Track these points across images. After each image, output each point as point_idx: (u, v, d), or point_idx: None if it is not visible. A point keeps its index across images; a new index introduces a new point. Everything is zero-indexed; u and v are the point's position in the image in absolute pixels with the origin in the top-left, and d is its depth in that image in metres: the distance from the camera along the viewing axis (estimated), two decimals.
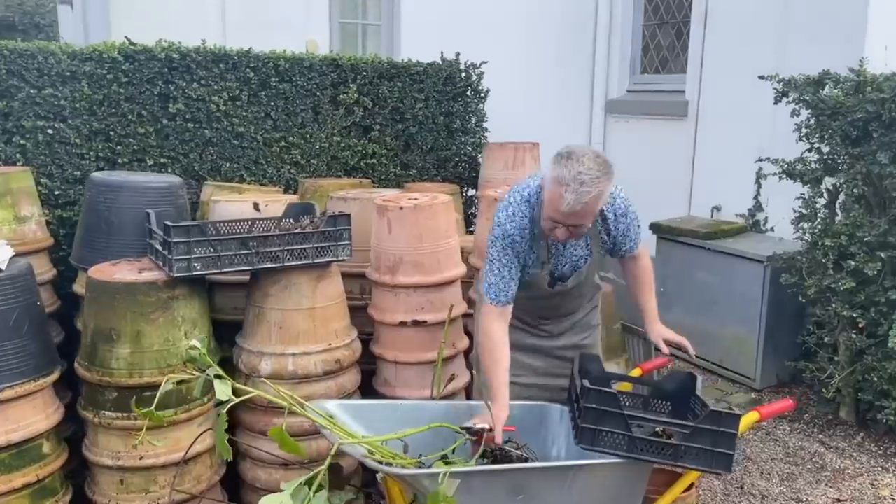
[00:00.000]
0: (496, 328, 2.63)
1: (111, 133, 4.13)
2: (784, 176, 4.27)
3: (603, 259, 2.88)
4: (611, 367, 4.08)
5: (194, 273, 2.83)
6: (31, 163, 3.96)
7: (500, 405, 2.46)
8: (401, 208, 3.37)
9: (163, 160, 4.27)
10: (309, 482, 1.99)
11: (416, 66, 4.92)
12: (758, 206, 5.32)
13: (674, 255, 5.31)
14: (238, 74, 4.36)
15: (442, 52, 5.06)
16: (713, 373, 5.10)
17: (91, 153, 4.09)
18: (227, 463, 3.26)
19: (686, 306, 5.27)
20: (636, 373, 3.18)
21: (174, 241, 2.76)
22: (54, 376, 2.84)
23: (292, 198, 3.79)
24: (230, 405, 2.11)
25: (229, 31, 5.12)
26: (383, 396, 3.53)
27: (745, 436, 4.18)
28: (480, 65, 5.18)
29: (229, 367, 3.28)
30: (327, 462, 2.05)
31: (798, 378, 4.68)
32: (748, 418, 2.60)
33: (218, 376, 2.15)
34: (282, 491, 1.92)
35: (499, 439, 2.37)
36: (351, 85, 4.68)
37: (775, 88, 4.21)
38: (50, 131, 3.98)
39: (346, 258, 3.17)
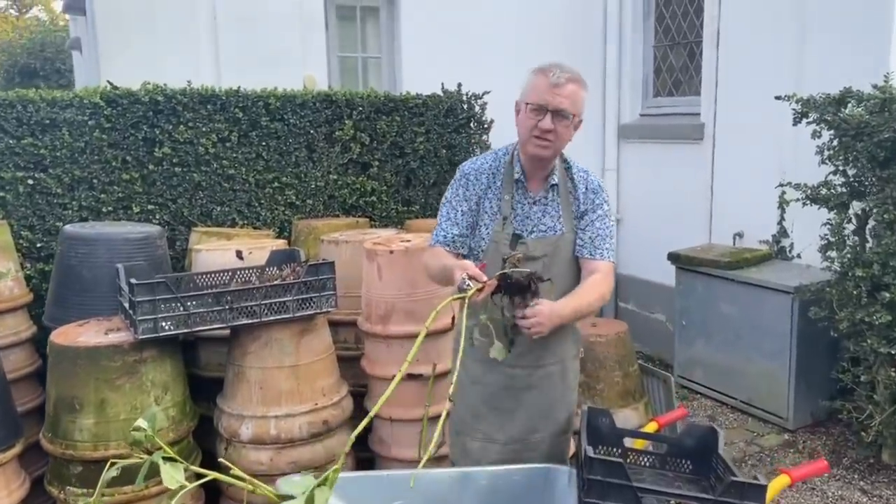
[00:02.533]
0: (437, 250, 2.41)
1: (94, 181, 3.96)
2: (808, 202, 3.97)
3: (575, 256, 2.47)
4: (628, 413, 3.78)
5: (162, 334, 2.61)
6: (11, 215, 3.80)
7: (459, 263, 2.20)
8: (391, 252, 3.14)
9: (150, 207, 4.09)
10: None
11: (416, 98, 4.71)
12: (782, 232, 5.00)
13: (695, 287, 5.01)
14: (227, 115, 4.18)
15: (443, 84, 4.86)
16: (742, 412, 4.76)
17: (74, 203, 3.93)
18: None
19: (709, 341, 4.95)
20: (652, 427, 2.89)
21: (137, 300, 2.55)
22: (16, 450, 2.64)
23: (280, 243, 3.58)
24: (184, 492, 1.88)
25: (223, 70, 4.96)
26: (378, 456, 3.28)
27: None
28: (483, 95, 4.97)
29: (211, 427, 3.06)
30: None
31: (835, 417, 4.33)
32: (777, 483, 2.31)
33: (169, 459, 1.91)
34: None
35: (482, 277, 2.07)
36: (346, 121, 4.49)
37: (794, 109, 3.94)
38: (30, 182, 3.83)
39: (330, 310, 2.94)
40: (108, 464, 1.91)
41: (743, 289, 4.65)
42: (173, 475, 1.86)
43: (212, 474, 1.98)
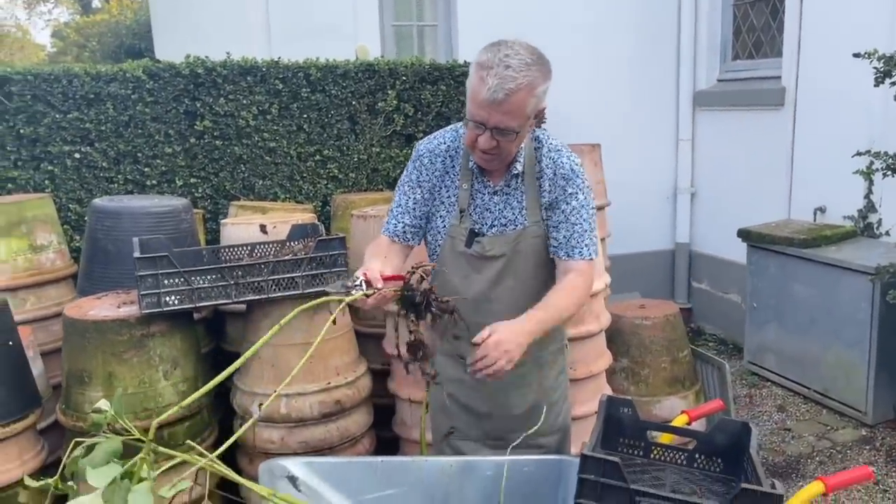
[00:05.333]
0: (379, 241, 2.18)
1: (139, 155, 4.00)
2: (889, 172, 3.54)
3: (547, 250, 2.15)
4: (675, 401, 3.52)
5: (166, 308, 2.57)
6: (59, 188, 3.90)
7: (367, 265, 1.95)
8: None
9: (192, 180, 4.10)
10: (126, 475, 1.65)
11: (462, 66, 4.52)
12: (869, 207, 4.52)
13: (767, 267, 4.62)
14: (267, 87, 4.13)
15: None
16: (816, 403, 4.37)
17: (119, 176, 3.98)
18: None
19: (782, 325, 4.57)
20: (682, 420, 2.63)
21: (140, 273, 2.52)
22: (29, 420, 2.67)
23: (307, 217, 3.50)
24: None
25: (274, 42, 4.89)
26: (400, 438, 3.17)
27: None
28: None
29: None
30: (146, 448, 1.71)
31: None
32: (808, 491, 2.03)
33: (136, 440, 1.85)
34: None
35: (377, 283, 1.85)
36: (390, 91, 4.35)
37: (875, 67, 3.50)
38: (77, 156, 3.91)
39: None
40: (73, 443, 1.88)
41: (819, 269, 4.24)
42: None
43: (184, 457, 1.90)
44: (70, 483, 1.87)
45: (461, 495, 2.22)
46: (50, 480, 1.81)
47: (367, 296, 1.83)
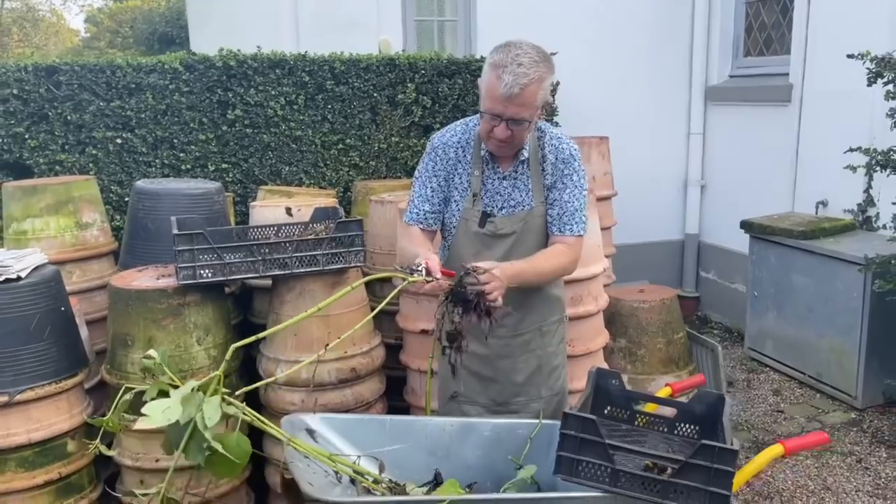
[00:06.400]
0: (413, 231, 2.48)
1: (175, 141, 4.30)
2: (879, 168, 3.73)
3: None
4: (670, 379, 3.74)
5: (200, 281, 2.86)
6: (102, 171, 4.21)
7: (427, 254, 2.20)
8: None
9: (224, 166, 4.40)
10: (203, 388, 1.92)
11: (479, 61, 4.76)
12: (868, 201, 4.70)
13: (767, 257, 4.82)
14: (294, 79, 4.41)
15: None
16: (810, 387, 4.58)
17: (157, 161, 4.29)
18: (253, 467, 3.29)
19: (781, 313, 4.77)
20: (665, 392, 2.88)
21: (178, 248, 2.81)
22: (78, 378, 2.97)
23: (330, 201, 3.77)
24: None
25: (302, 36, 5.17)
26: (410, 406, 3.44)
27: (828, 461, 3.71)
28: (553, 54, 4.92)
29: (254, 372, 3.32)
30: (222, 367, 1.96)
31: None
32: (768, 452, 2.27)
33: (176, 386, 2.14)
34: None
35: (436, 274, 2.12)
36: (409, 84, 4.61)
37: (868, 68, 3.69)
38: (119, 141, 4.21)
39: (358, 265, 3.10)
40: (123, 389, 2.18)
41: (816, 260, 4.44)
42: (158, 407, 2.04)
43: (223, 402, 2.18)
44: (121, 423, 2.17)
45: (461, 452, 2.48)
46: (104, 418, 2.11)
47: (427, 281, 2.09)
